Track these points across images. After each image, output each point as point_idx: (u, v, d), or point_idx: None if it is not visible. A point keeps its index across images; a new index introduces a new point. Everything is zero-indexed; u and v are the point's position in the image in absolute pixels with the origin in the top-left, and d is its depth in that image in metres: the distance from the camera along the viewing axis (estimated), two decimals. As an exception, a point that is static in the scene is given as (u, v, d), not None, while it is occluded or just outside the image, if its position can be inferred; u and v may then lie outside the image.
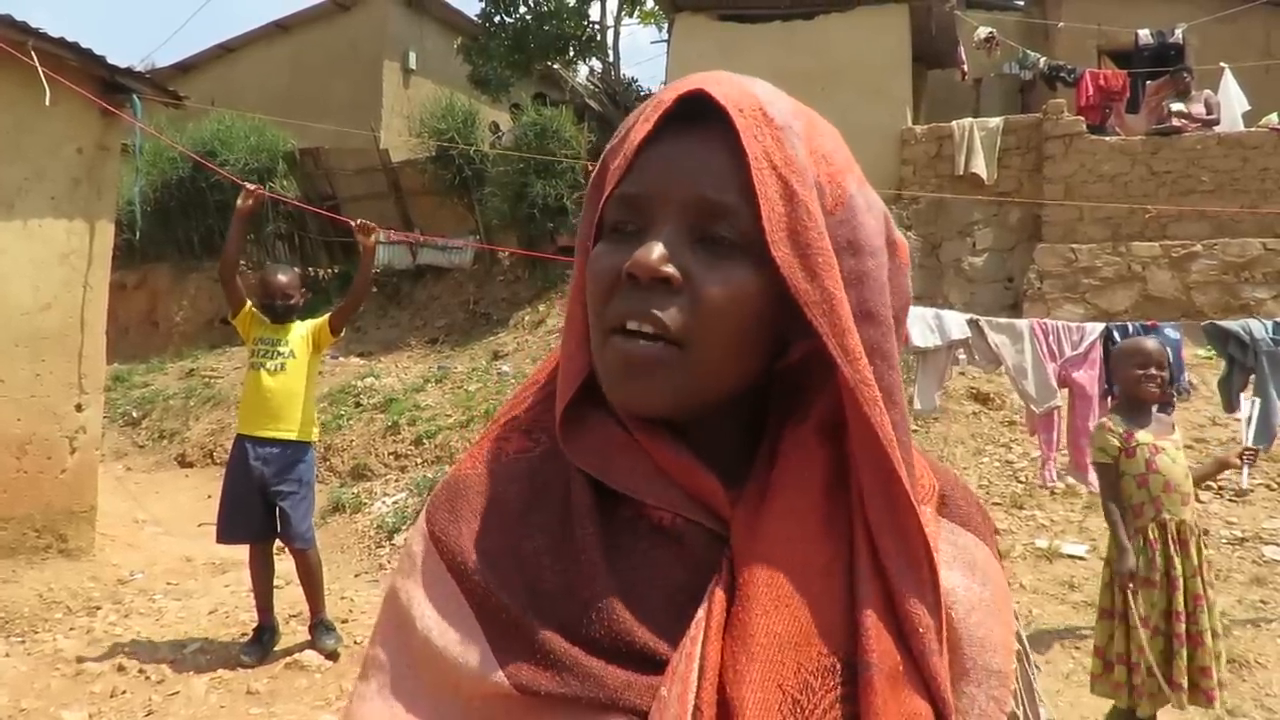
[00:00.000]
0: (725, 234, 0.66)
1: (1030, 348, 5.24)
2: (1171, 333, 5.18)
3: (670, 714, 0.59)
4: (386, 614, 0.73)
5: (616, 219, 0.68)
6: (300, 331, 4.69)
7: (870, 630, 0.62)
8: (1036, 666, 0.75)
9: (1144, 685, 3.34)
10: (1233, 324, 5.18)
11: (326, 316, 4.78)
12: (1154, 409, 3.63)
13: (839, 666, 0.62)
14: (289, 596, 5.27)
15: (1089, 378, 5.21)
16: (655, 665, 0.62)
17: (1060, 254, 9.12)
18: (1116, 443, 3.53)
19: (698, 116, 0.67)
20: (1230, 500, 6.27)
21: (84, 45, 5.66)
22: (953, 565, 0.69)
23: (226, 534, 4.61)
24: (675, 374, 0.65)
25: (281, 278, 4.68)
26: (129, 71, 6.11)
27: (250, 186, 4.74)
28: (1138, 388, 3.58)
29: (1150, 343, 3.74)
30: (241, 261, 13.55)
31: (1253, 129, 9.26)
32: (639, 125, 0.69)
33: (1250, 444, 4.81)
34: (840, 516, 0.67)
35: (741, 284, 0.65)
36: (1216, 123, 9.38)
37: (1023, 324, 5.40)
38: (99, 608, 5.15)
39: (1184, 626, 3.37)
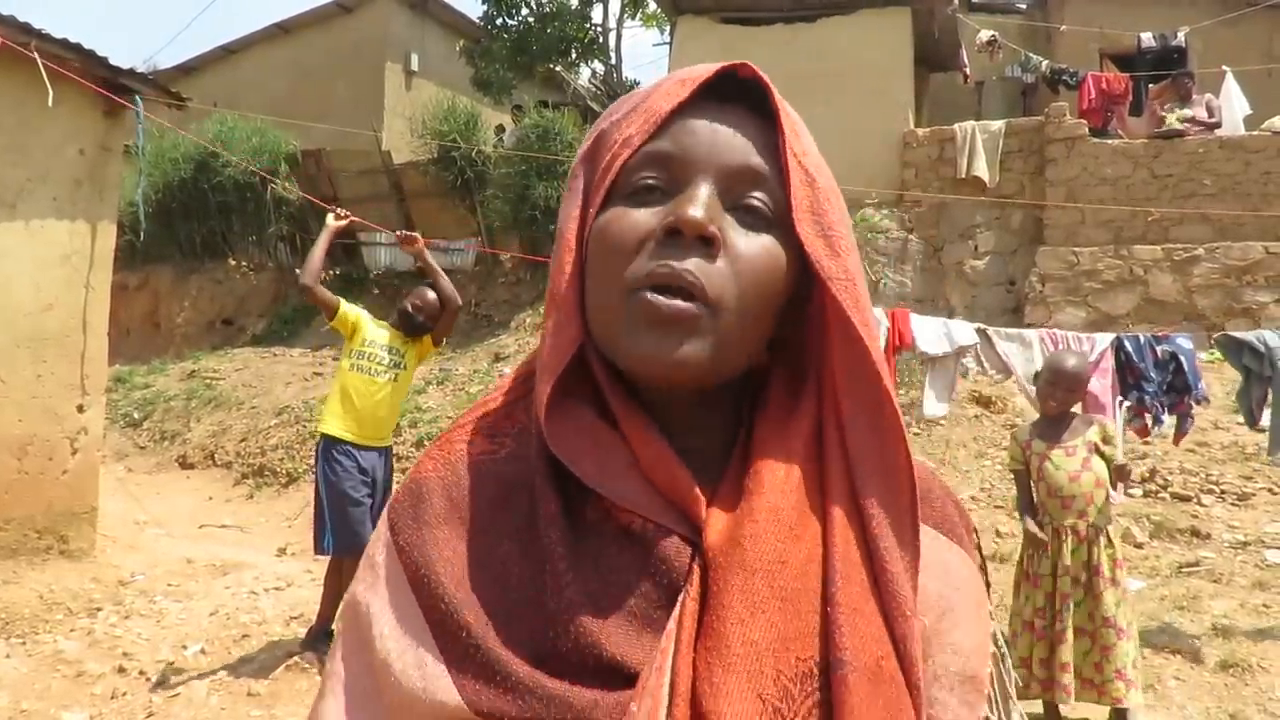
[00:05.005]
0: (757, 204, 0.67)
1: (1040, 357, 5.16)
2: (1184, 342, 5.11)
3: None
4: (348, 627, 0.71)
5: (642, 178, 0.67)
6: (416, 346, 4.70)
7: (843, 627, 0.60)
8: (1009, 671, 0.74)
9: (1028, 679, 3.64)
10: (1246, 335, 5.07)
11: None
12: (1071, 420, 3.85)
13: (816, 670, 0.60)
14: (290, 598, 5.28)
15: (1101, 386, 5.10)
16: (625, 680, 0.60)
17: (1062, 257, 9.11)
18: (1012, 451, 3.96)
19: (725, 97, 0.68)
20: (1233, 504, 6.26)
21: (86, 47, 5.67)
22: (926, 571, 0.67)
23: (351, 544, 4.30)
24: (705, 336, 0.64)
25: (431, 295, 4.65)
26: (131, 73, 6.12)
27: (340, 211, 4.85)
28: (1042, 402, 3.93)
29: (1069, 361, 3.89)
30: (243, 260, 13.64)
31: (1255, 132, 9.25)
32: (662, 94, 0.69)
33: (1267, 454, 4.97)
34: (814, 514, 0.65)
35: (773, 253, 0.67)
36: (1218, 126, 9.37)
37: (1032, 334, 5.36)
38: (100, 609, 5.15)
39: (1063, 624, 3.61)
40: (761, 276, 0.66)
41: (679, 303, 0.63)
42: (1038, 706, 3.82)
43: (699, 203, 0.64)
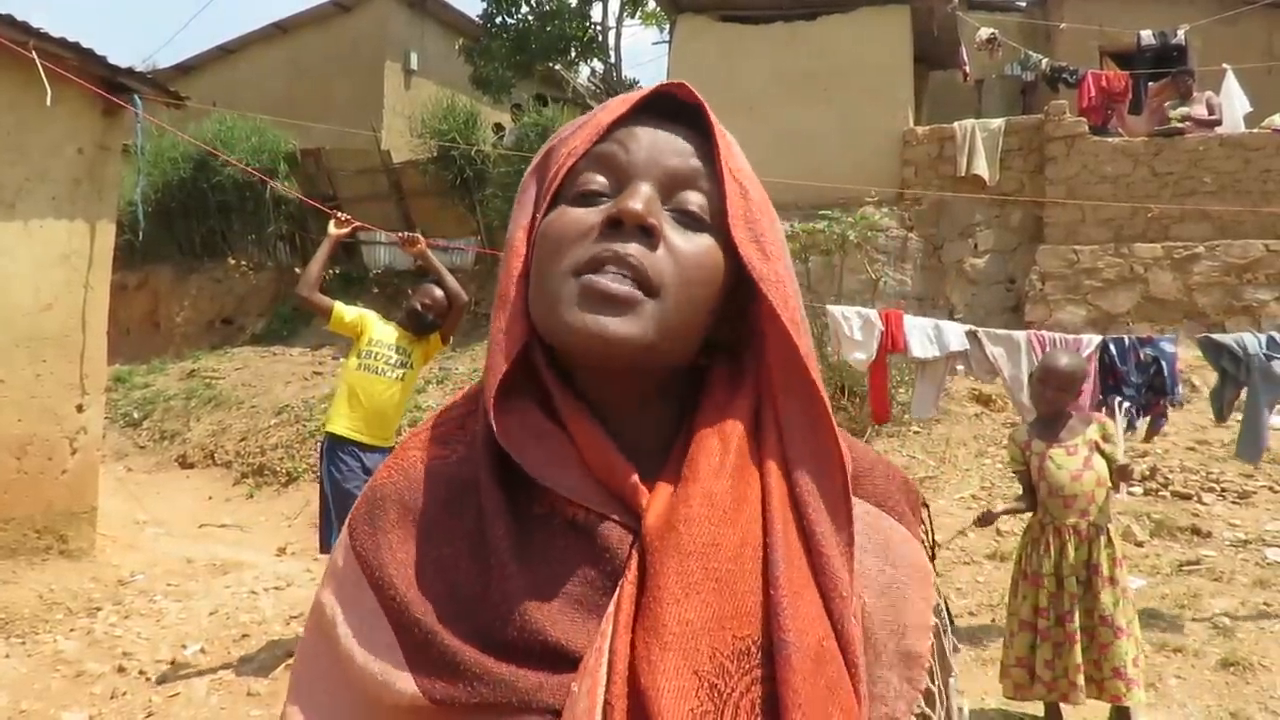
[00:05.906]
0: (694, 208, 0.71)
1: (1026, 360, 5.17)
2: (1166, 345, 5.15)
3: (580, 709, 0.60)
4: (313, 627, 0.74)
5: (586, 182, 0.71)
6: (423, 345, 4.69)
7: (785, 609, 0.63)
8: (950, 640, 0.76)
9: (1033, 680, 3.64)
10: (1226, 337, 5.12)
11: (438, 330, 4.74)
12: (1068, 420, 3.85)
13: (754, 648, 0.62)
14: (289, 598, 5.28)
15: (1084, 390, 5.18)
16: (570, 663, 0.63)
17: (1062, 255, 9.10)
18: (1011, 452, 3.96)
19: (665, 115, 0.74)
20: (1234, 502, 6.26)
21: (85, 46, 5.66)
22: (865, 548, 0.70)
23: None
24: (644, 317, 0.67)
25: (439, 294, 4.65)
26: (130, 71, 6.11)
27: (342, 216, 4.83)
28: (1034, 401, 3.96)
29: (1062, 360, 3.90)
30: (242, 260, 13.62)
31: (1255, 130, 9.24)
32: (606, 111, 0.74)
33: (1236, 456, 5.05)
34: (750, 499, 0.68)
35: (710, 252, 0.71)
36: (1218, 124, 9.36)
37: (1020, 335, 5.35)
38: (99, 609, 5.15)
39: (1073, 625, 3.59)
40: (700, 271, 0.70)
41: (619, 286, 0.66)
42: (1038, 708, 3.82)
43: (640, 197, 0.69)
